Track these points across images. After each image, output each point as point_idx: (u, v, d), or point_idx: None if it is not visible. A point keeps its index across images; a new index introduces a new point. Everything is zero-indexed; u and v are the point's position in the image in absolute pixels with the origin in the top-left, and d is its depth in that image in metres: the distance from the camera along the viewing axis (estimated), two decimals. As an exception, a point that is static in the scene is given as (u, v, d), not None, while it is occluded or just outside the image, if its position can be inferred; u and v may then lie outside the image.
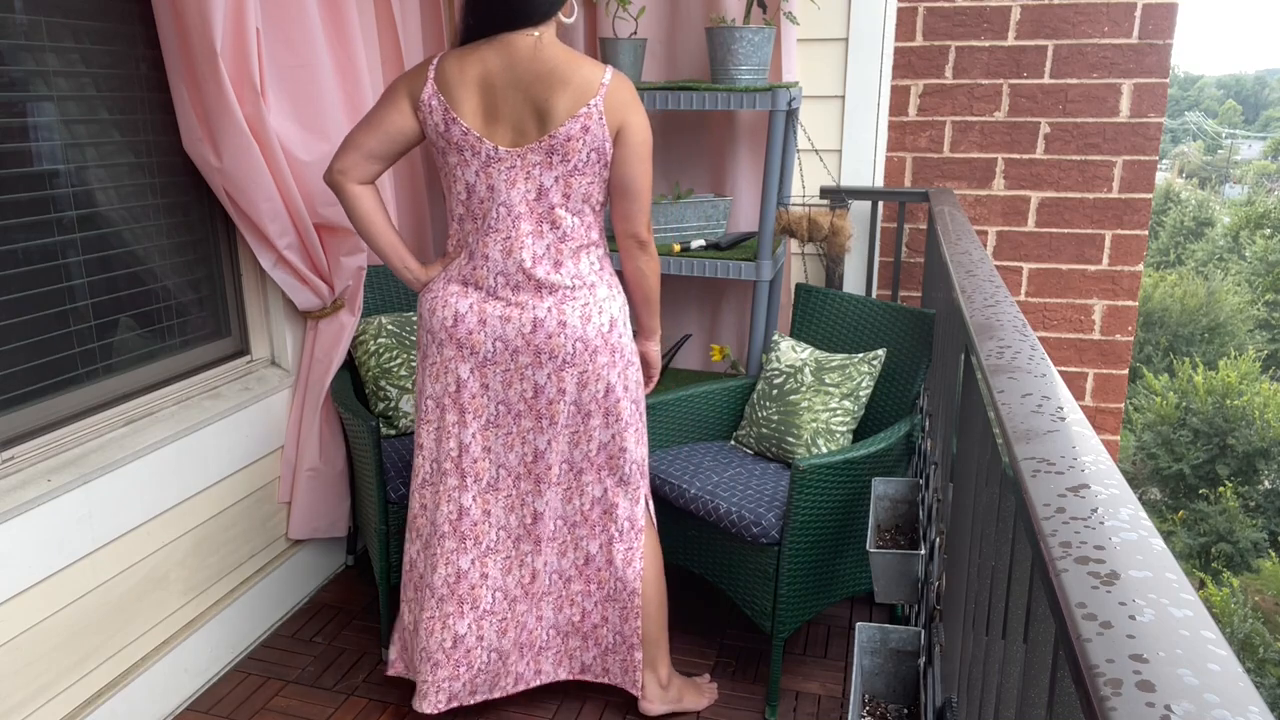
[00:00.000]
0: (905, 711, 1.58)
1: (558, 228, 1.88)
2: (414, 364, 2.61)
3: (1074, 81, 2.81)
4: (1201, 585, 14.18)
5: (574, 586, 2.11)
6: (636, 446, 2.04)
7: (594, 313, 1.93)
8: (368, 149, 1.88)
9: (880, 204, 2.97)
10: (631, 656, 2.12)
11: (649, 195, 1.91)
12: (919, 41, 2.89)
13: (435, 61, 1.84)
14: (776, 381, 2.51)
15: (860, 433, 2.49)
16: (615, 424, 2.00)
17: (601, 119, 1.80)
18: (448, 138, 1.84)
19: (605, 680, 2.19)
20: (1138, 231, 2.89)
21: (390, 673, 2.22)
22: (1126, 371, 3.01)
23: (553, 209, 1.86)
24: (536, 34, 1.79)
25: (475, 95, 1.81)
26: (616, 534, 2.06)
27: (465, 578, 2.04)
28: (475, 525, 2.02)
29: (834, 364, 2.47)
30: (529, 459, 2.00)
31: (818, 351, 2.55)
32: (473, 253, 1.92)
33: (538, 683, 2.16)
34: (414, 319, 2.69)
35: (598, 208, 1.92)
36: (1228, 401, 16.88)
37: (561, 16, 1.83)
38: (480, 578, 2.04)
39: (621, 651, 2.14)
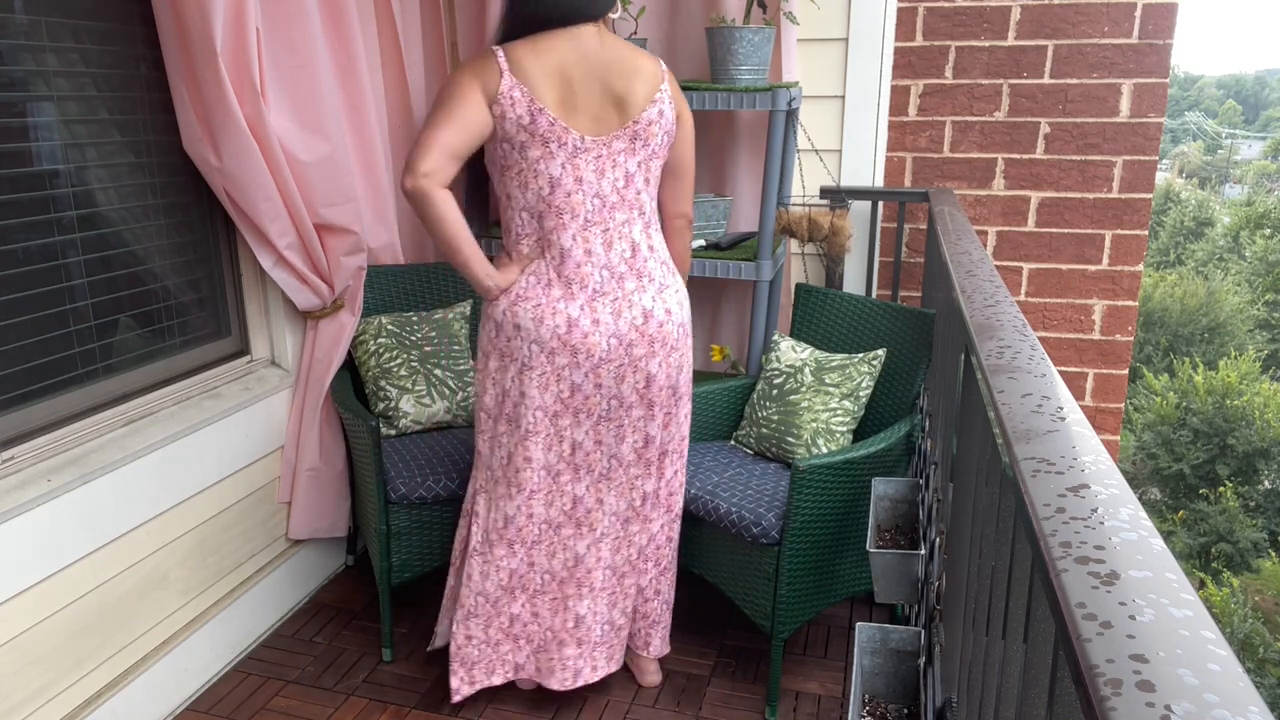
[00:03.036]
0: (905, 711, 1.58)
1: (644, 214, 1.94)
2: (414, 364, 2.61)
3: (1074, 81, 2.81)
4: (1201, 585, 14.18)
5: (647, 574, 2.21)
6: (686, 421, 2.16)
7: (683, 298, 2.03)
8: (452, 148, 1.78)
9: (880, 204, 2.97)
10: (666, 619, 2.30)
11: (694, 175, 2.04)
12: (919, 41, 2.89)
13: (500, 54, 1.80)
14: (776, 381, 2.51)
15: (860, 433, 2.49)
16: (687, 403, 2.12)
17: (670, 104, 1.91)
18: (532, 130, 1.80)
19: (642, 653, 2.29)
20: (1138, 231, 2.89)
21: (461, 697, 2.15)
22: (1126, 371, 3.01)
23: (639, 195, 1.91)
24: (597, 27, 1.87)
25: (555, 86, 1.81)
26: (676, 507, 2.19)
27: (582, 562, 2.09)
28: (590, 513, 2.07)
29: (834, 364, 2.47)
30: (640, 445, 2.05)
31: (818, 351, 2.55)
32: (567, 250, 1.88)
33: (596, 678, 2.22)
34: (414, 319, 2.69)
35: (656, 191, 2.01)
36: (1228, 401, 16.87)
37: (611, 14, 1.91)
38: (595, 561, 2.10)
39: (665, 620, 2.28)
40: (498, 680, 2.18)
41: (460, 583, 2.15)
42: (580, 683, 2.16)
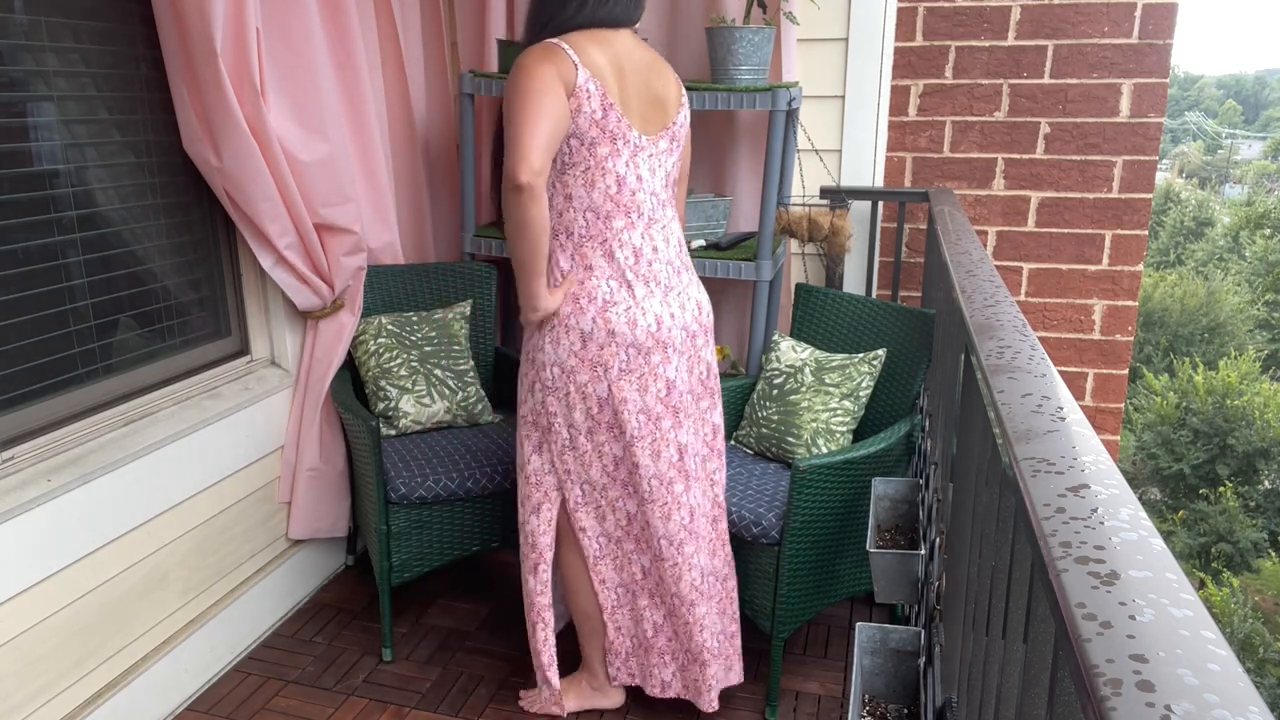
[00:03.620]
0: (905, 711, 1.58)
1: (675, 215, 1.99)
2: (414, 364, 2.61)
3: (1074, 81, 2.81)
4: (1201, 585, 14.17)
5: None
6: None
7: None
8: (551, 145, 1.74)
9: (880, 204, 2.97)
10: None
11: None
12: (919, 41, 2.89)
13: (565, 46, 1.75)
14: (776, 381, 2.51)
15: (860, 433, 2.49)
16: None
17: (689, 108, 1.98)
18: (603, 125, 1.78)
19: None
20: (1138, 231, 2.89)
21: (618, 684, 2.17)
22: (1126, 371, 3.01)
23: (674, 194, 1.98)
24: (632, 31, 1.89)
25: (615, 82, 1.80)
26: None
27: (705, 575, 2.08)
28: (697, 521, 2.06)
29: (834, 364, 2.47)
30: (709, 437, 2.07)
31: (818, 351, 2.55)
32: (639, 249, 1.87)
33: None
34: (414, 319, 2.68)
35: None
36: (1228, 401, 16.87)
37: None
38: (696, 566, 2.08)
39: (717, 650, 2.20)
40: (647, 689, 2.16)
41: (539, 644, 2.11)
42: (718, 703, 2.14)
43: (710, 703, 2.11)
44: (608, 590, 2.08)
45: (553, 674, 2.12)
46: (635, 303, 1.86)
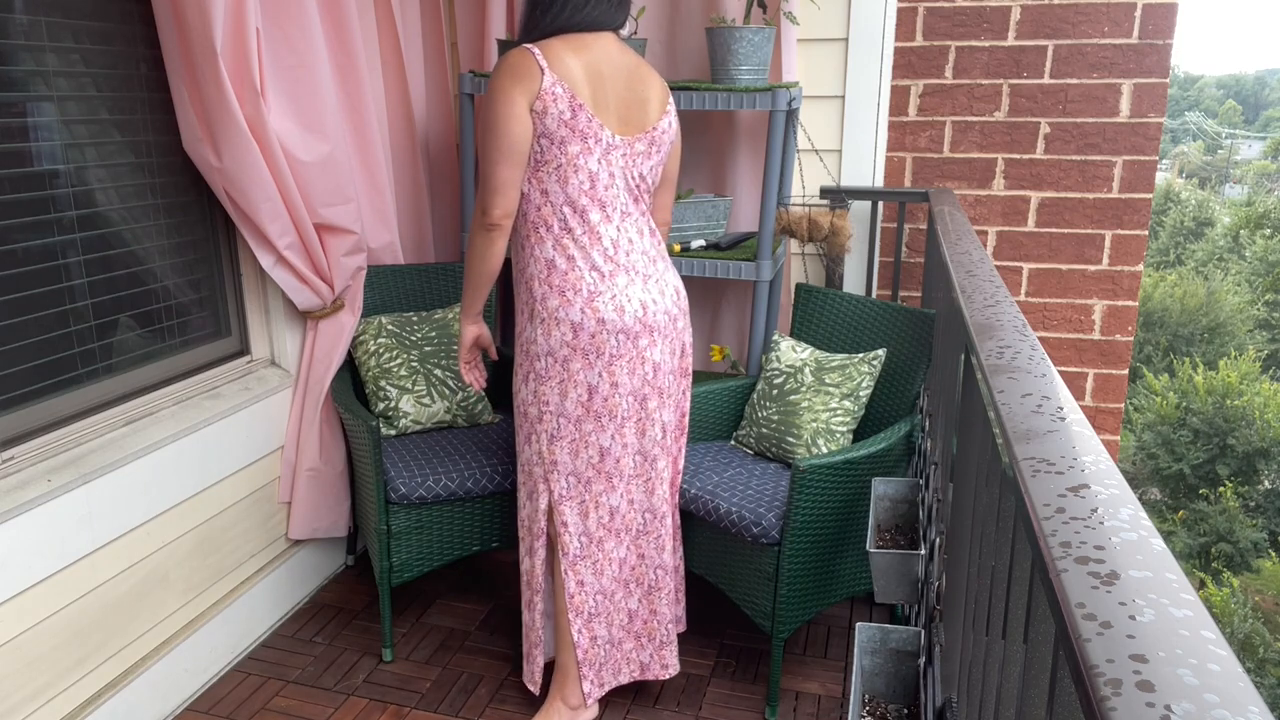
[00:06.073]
0: (905, 711, 1.58)
1: (646, 210, 2.06)
2: (414, 364, 2.61)
3: (1074, 81, 2.81)
4: (1201, 585, 14.17)
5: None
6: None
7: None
8: (517, 180, 1.89)
9: (880, 204, 2.97)
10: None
11: None
12: (919, 41, 2.89)
13: (536, 51, 1.84)
14: (776, 381, 2.51)
15: (860, 433, 2.49)
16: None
17: (675, 118, 2.04)
18: (572, 125, 1.86)
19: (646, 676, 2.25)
20: (1138, 231, 2.89)
21: (594, 700, 2.14)
22: (1126, 371, 3.01)
23: (648, 194, 2.05)
24: (616, 35, 1.95)
25: (589, 83, 1.87)
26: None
27: (675, 550, 2.25)
28: (670, 494, 2.19)
29: (834, 364, 2.47)
30: (681, 417, 2.18)
31: (818, 351, 2.55)
32: (616, 240, 1.96)
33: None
34: (414, 319, 2.69)
35: None
36: (1228, 401, 16.86)
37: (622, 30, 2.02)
38: (674, 536, 2.24)
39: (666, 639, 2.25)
40: (624, 679, 2.19)
41: (535, 617, 2.15)
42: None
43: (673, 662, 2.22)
44: (586, 594, 2.08)
45: (539, 652, 2.18)
46: (619, 290, 1.95)
